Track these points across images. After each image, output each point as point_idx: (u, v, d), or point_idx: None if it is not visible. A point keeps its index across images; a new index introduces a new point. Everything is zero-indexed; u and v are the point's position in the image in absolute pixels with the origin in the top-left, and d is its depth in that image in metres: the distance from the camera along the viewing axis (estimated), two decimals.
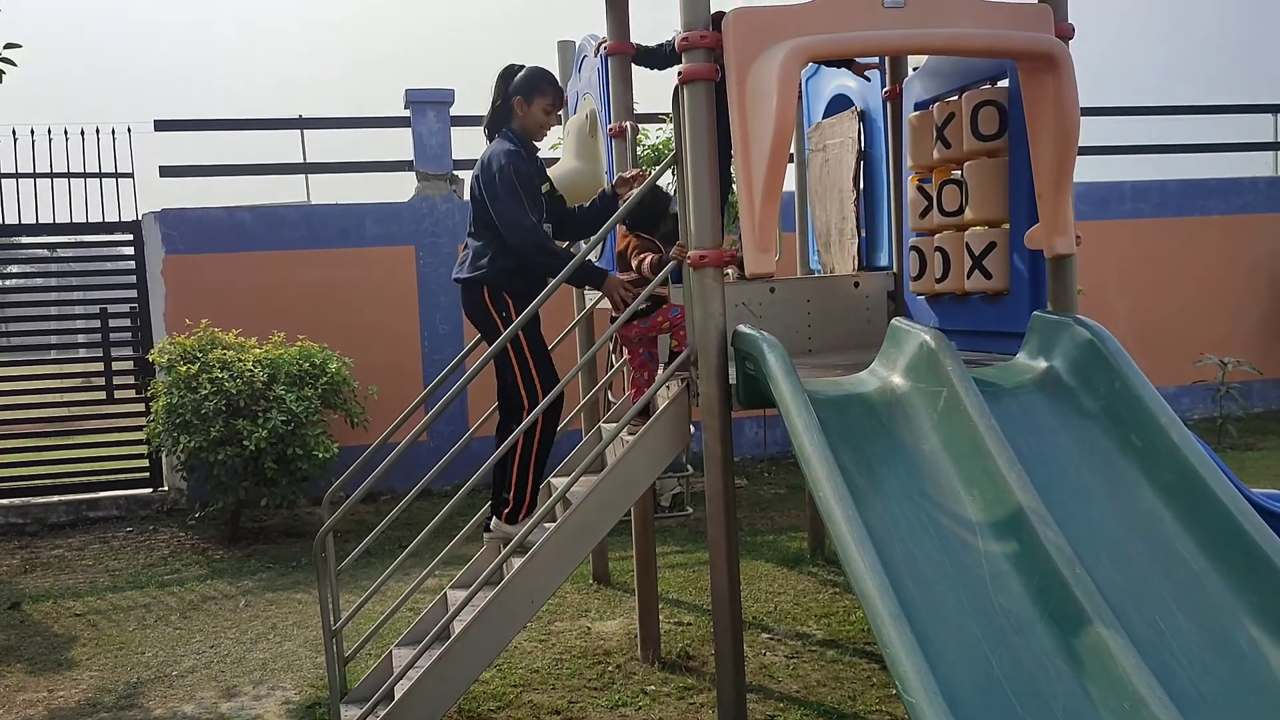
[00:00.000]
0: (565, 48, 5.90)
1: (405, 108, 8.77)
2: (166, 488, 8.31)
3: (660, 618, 5.05)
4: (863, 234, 5.39)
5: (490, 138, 4.26)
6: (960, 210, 4.36)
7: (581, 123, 5.27)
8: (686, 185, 3.69)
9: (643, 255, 4.13)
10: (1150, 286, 10.01)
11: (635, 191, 4.01)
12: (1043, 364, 3.64)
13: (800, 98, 6.08)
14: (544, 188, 4.26)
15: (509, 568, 3.94)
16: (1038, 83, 3.62)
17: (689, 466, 7.24)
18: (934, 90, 4.65)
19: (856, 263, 5.40)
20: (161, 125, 8.41)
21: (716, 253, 3.63)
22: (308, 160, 8.92)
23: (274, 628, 5.54)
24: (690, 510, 7.25)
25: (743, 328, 3.63)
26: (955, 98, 4.41)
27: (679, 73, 3.62)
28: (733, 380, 3.69)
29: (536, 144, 4.31)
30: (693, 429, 3.95)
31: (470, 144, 9.89)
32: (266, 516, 7.86)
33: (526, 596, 3.81)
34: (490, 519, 4.38)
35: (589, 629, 5.28)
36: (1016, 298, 4.15)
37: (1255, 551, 2.90)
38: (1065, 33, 3.81)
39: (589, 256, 4.10)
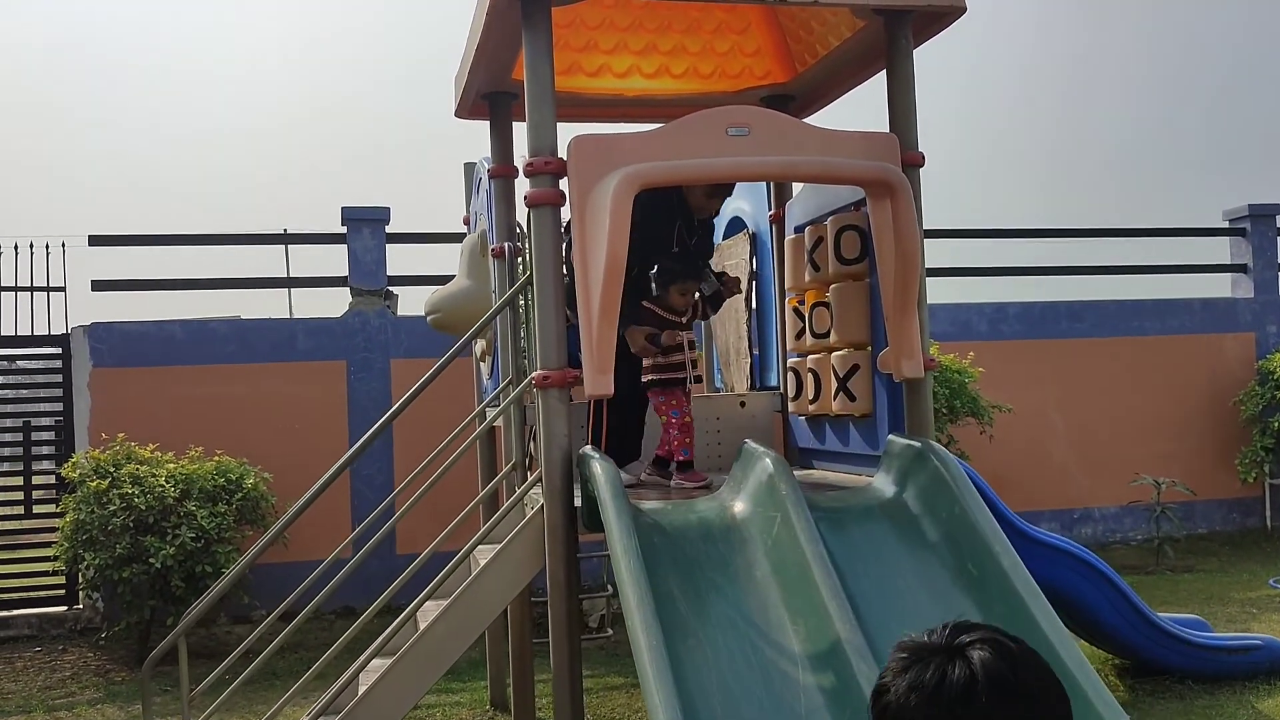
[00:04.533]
0: (469, 169, 6.00)
1: (341, 224, 8.88)
2: (81, 606, 8.11)
3: None
4: (755, 353, 5.41)
5: None
6: (829, 333, 4.38)
7: (474, 242, 5.31)
8: (533, 306, 3.70)
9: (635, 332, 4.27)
10: (1088, 405, 10.01)
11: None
12: (892, 489, 3.61)
13: None
14: None
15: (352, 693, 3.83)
16: (880, 208, 3.68)
17: (609, 585, 7.10)
18: (809, 214, 4.71)
19: (749, 382, 5.40)
20: (95, 240, 8.49)
21: (560, 373, 3.62)
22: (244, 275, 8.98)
23: None
24: (610, 632, 7.08)
25: (586, 449, 3.60)
26: (824, 222, 4.47)
27: (525, 197, 3.67)
28: (579, 503, 3.65)
29: None
30: None
31: (405, 260, 10.00)
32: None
33: None
34: None
35: None
36: (879, 419, 4.13)
37: (1070, 682, 2.82)
38: (914, 160, 3.88)
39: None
